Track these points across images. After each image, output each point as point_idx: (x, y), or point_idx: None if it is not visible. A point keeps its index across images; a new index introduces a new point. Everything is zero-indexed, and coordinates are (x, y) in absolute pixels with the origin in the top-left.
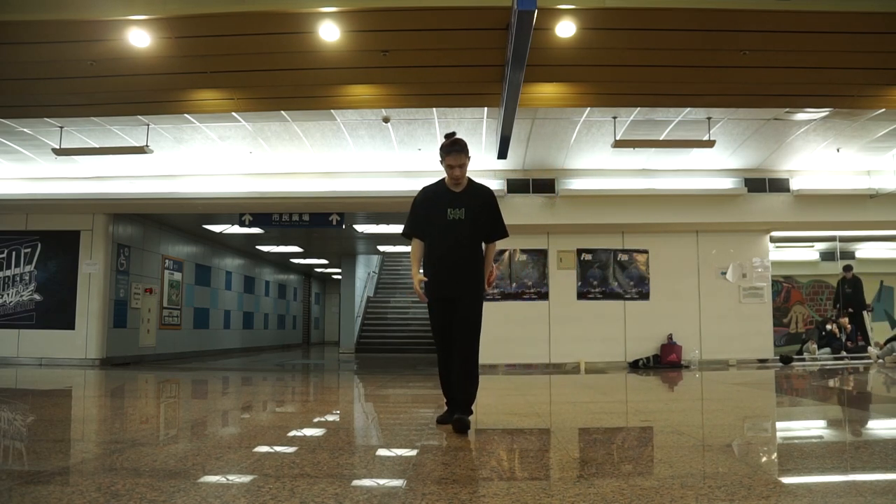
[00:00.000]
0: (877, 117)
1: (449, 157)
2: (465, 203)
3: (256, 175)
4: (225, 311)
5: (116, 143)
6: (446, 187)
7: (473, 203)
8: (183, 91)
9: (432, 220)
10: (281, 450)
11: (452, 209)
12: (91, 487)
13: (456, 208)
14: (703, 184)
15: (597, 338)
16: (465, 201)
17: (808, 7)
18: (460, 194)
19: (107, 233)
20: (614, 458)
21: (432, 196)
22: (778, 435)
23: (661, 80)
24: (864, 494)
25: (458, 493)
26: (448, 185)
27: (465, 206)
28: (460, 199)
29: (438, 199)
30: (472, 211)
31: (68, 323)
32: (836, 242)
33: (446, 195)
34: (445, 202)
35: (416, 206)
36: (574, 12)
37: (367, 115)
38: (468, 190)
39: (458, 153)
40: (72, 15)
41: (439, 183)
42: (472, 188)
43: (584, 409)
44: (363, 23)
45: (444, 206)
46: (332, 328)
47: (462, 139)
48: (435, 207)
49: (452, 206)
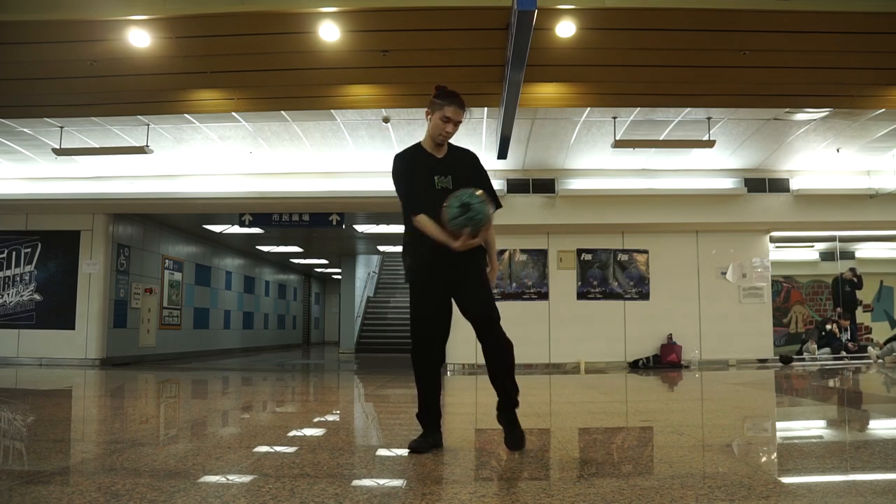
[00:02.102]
0: (877, 117)
1: (451, 108)
2: (451, 169)
3: (256, 175)
4: (225, 311)
5: (116, 143)
6: (426, 152)
7: (460, 168)
8: (183, 91)
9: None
10: (281, 450)
11: (439, 177)
12: (91, 487)
13: (442, 175)
14: (703, 184)
15: (597, 338)
16: (451, 167)
17: (808, 7)
18: (444, 159)
19: (107, 233)
20: (614, 458)
21: (414, 163)
22: (778, 435)
23: (661, 80)
24: (864, 494)
25: (458, 493)
26: (428, 148)
27: (451, 173)
28: (445, 164)
29: (420, 166)
30: (460, 177)
31: (68, 323)
32: (835, 242)
33: (429, 160)
34: (430, 169)
35: (403, 176)
36: (574, 12)
37: (367, 115)
38: (451, 154)
39: (460, 107)
40: (72, 15)
41: (416, 147)
42: (455, 152)
43: (584, 409)
44: (363, 23)
45: (429, 175)
46: (332, 328)
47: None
48: (418, 176)
49: (438, 172)
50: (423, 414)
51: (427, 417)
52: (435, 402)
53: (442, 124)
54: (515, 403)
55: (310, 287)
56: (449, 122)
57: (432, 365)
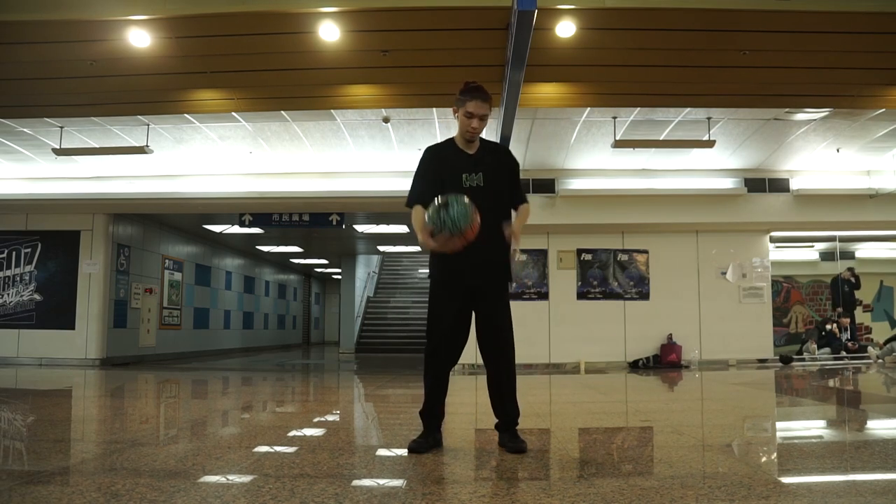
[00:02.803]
0: (877, 117)
1: (472, 102)
2: (482, 166)
3: (256, 175)
4: (225, 311)
5: (116, 143)
6: (457, 147)
7: (491, 165)
8: (183, 91)
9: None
10: (281, 450)
11: (468, 174)
12: (91, 487)
13: (472, 173)
14: (703, 184)
15: (597, 338)
16: (481, 164)
17: (808, 7)
18: (475, 156)
19: (107, 233)
20: (614, 458)
21: (443, 158)
22: (778, 435)
23: (661, 80)
24: (864, 494)
25: (458, 493)
26: (459, 144)
27: (482, 171)
28: (476, 161)
29: (450, 161)
30: (491, 175)
31: (68, 323)
32: (835, 242)
33: (459, 157)
34: (460, 166)
35: (425, 169)
36: (574, 12)
37: (367, 115)
38: (483, 149)
39: (483, 101)
40: (72, 15)
41: (448, 142)
42: (486, 147)
43: (584, 409)
44: (363, 23)
45: (459, 171)
46: (332, 328)
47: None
48: (448, 172)
49: (468, 170)
50: (426, 414)
51: (429, 417)
52: (439, 404)
53: (467, 121)
54: (515, 424)
55: (310, 287)
56: (473, 117)
57: (444, 365)
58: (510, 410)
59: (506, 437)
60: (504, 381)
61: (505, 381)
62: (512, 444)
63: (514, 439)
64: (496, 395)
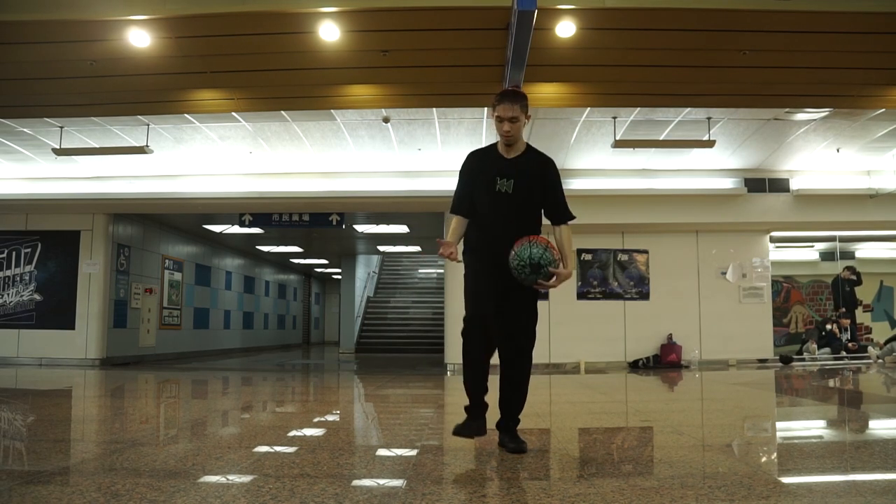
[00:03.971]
0: (877, 117)
1: (500, 106)
2: (515, 172)
3: (256, 175)
4: (225, 311)
5: (116, 143)
6: (496, 152)
7: (526, 173)
8: (183, 91)
9: (479, 191)
10: (281, 450)
11: (501, 179)
12: (91, 487)
13: (504, 178)
14: (703, 184)
15: (597, 338)
16: (516, 170)
17: (808, 7)
18: (512, 161)
19: (107, 233)
20: (614, 458)
21: (482, 161)
22: (778, 435)
23: (661, 80)
24: (864, 494)
25: (457, 493)
26: (499, 148)
27: (514, 177)
28: (511, 166)
29: (486, 165)
30: (523, 183)
31: (68, 323)
32: (835, 242)
33: (496, 161)
34: (494, 170)
35: (463, 175)
36: (574, 12)
37: (367, 115)
38: (523, 156)
39: (510, 103)
40: (72, 15)
41: (490, 147)
42: (528, 155)
43: (584, 409)
44: (363, 23)
45: (493, 175)
46: (332, 328)
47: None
48: (482, 175)
49: (501, 174)
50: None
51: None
52: (481, 392)
53: (498, 124)
54: (516, 419)
55: (310, 287)
56: (502, 121)
57: (483, 350)
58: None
59: (506, 437)
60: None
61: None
62: (512, 444)
63: (515, 439)
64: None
